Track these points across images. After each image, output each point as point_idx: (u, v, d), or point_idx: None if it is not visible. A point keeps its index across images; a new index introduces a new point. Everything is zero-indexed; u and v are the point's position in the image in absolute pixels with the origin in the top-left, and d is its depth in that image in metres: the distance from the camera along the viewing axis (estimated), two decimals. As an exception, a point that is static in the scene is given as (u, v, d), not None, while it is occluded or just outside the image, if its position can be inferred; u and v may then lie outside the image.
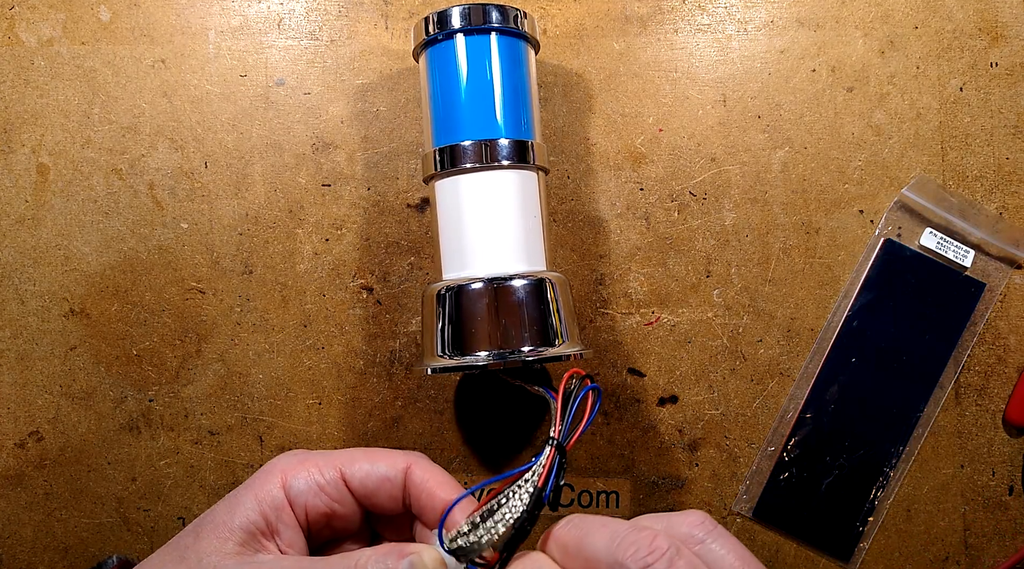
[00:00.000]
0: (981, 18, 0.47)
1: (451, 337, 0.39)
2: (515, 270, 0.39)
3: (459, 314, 0.39)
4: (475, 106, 0.39)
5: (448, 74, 0.40)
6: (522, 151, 0.40)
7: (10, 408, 0.47)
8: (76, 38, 0.47)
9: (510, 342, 0.38)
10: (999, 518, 0.47)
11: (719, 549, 0.31)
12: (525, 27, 0.41)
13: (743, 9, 0.47)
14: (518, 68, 0.41)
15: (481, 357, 0.38)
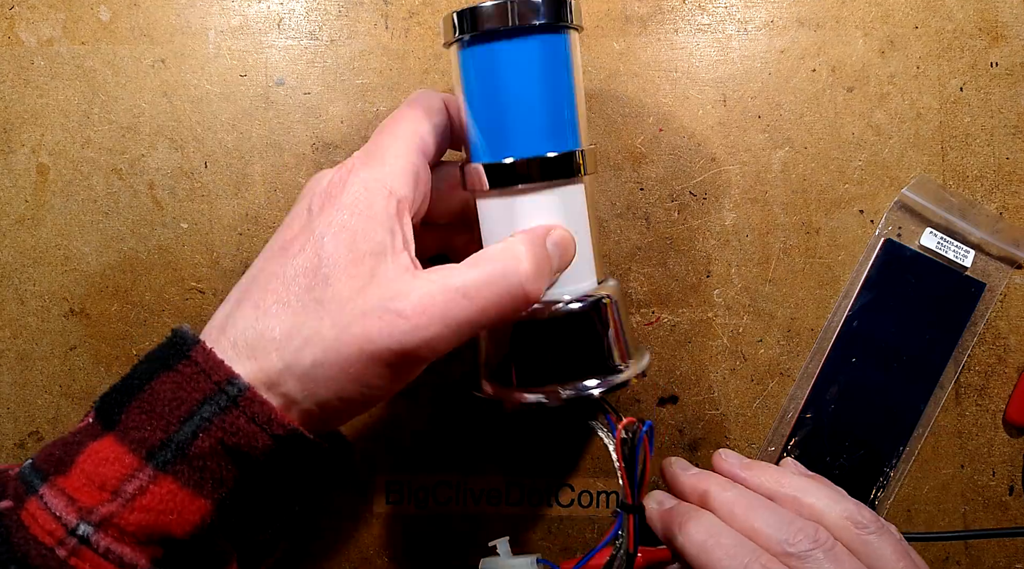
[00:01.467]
0: (981, 18, 0.47)
1: (518, 368, 0.36)
2: (573, 291, 0.36)
3: (520, 346, 0.36)
4: (527, 121, 0.35)
5: (490, 85, 0.35)
6: (575, 164, 0.36)
7: (10, 408, 0.47)
8: (76, 38, 0.47)
9: (577, 374, 0.36)
10: (999, 518, 0.47)
11: (877, 542, 0.36)
12: (573, 17, 0.35)
13: (743, 9, 0.47)
14: (568, 69, 0.36)
15: (551, 392, 0.36)
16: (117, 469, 0.29)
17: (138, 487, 0.28)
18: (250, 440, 0.29)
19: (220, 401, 0.29)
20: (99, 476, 0.29)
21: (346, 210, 0.32)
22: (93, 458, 0.29)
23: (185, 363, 0.30)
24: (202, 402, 0.29)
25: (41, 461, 0.30)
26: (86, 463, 0.29)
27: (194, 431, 0.29)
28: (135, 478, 0.29)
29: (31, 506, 0.29)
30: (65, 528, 0.28)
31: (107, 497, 0.28)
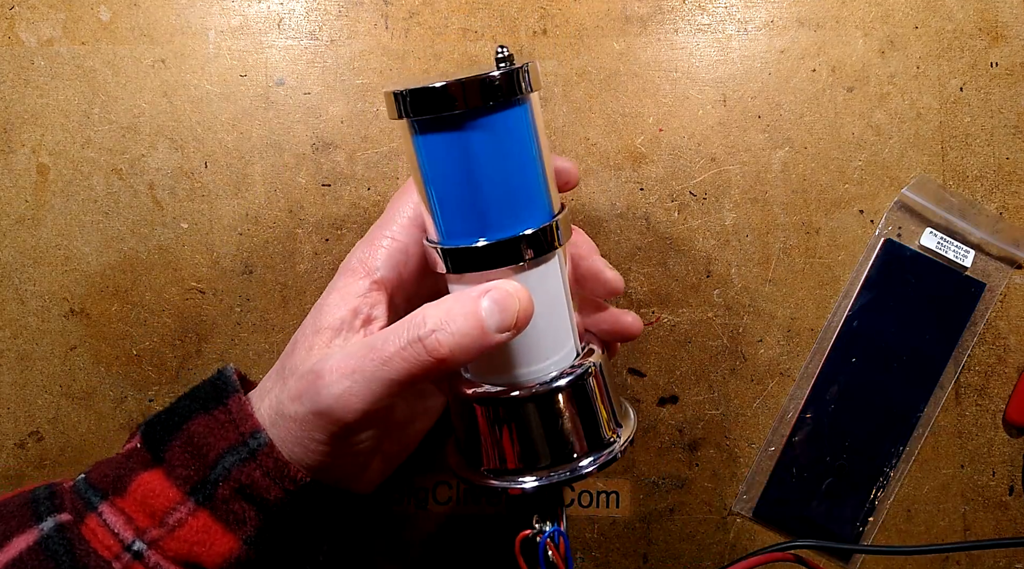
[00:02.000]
0: (981, 18, 0.47)
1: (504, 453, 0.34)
2: (555, 367, 0.34)
3: (502, 429, 0.34)
4: (491, 202, 0.32)
5: (447, 167, 0.32)
6: (548, 239, 0.33)
7: (10, 408, 0.47)
8: (76, 38, 0.47)
9: (563, 457, 0.34)
10: (999, 518, 0.47)
11: None
12: (530, 85, 0.32)
13: (743, 9, 0.47)
14: (532, 137, 0.32)
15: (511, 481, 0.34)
16: (163, 502, 0.32)
17: (178, 519, 0.32)
18: (263, 492, 0.32)
19: (241, 452, 0.33)
20: (149, 505, 0.32)
21: (333, 288, 0.35)
22: (144, 487, 0.32)
23: (221, 410, 0.34)
24: (226, 451, 0.33)
25: (96, 479, 0.33)
26: (138, 490, 0.32)
27: (218, 476, 0.32)
28: (177, 510, 0.32)
29: (91, 522, 0.32)
30: (122, 544, 0.31)
31: (156, 523, 0.32)
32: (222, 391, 0.34)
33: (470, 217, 0.32)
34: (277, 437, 0.33)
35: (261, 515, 0.33)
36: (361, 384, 0.31)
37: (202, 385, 0.35)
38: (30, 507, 0.33)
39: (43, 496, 0.33)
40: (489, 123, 0.31)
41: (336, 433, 0.32)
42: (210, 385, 0.35)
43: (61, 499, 0.33)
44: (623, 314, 0.39)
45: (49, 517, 0.32)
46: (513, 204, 0.32)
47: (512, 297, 0.31)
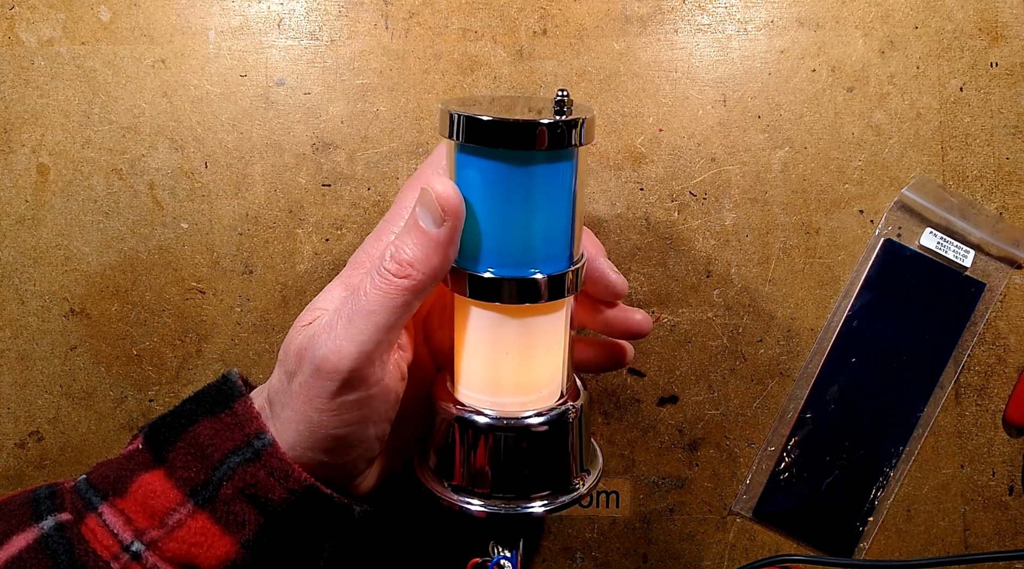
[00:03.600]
0: (981, 18, 0.47)
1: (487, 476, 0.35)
2: (539, 402, 0.35)
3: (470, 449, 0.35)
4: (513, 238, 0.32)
5: (480, 193, 0.32)
6: (558, 287, 0.33)
7: (10, 408, 0.47)
8: (76, 38, 0.47)
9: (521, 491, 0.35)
10: (999, 518, 0.47)
11: None
12: (582, 138, 0.31)
13: (743, 9, 0.47)
14: (571, 189, 0.33)
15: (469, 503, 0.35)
16: (163, 502, 0.32)
17: (178, 520, 0.32)
18: (267, 492, 0.32)
19: (246, 453, 0.33)
20: (149, 505, 0.32)
21: (338, 279, 0.37)
22: (145, 488, 0.33)
23: (227, 413, 0.34)
24: (231, 451, 0.33)
25: (96, 480, 0.34)
26: (139, 491, 0.33)
27: (222, 477, 0.32)
28: (177, 512, 0.32)
29: (91, 522, 0.32)
30: (120, 544, 0.32)
31: (156, 524, 0.32)
32: (228, 395, 0.35)
33: (488, 247, 0.33)
34: (280, 428, 0.33)
35: (261, 518, 0.33)
36: (347, 327, 0.32)
37: (207, 389, 0.36)
38: (30, 506, 0.33)
39: (44, 495, 0.34)
40: (533, 167, 0.31)
41: (337, 389, 0.32)
42: (215, 389, 0.35)
43: (62, 499, 0.33)
44: (632, 312, 0.39)
45: (49, 516, 0.32)
46: (534, 246, 0.32)
47: (427, 193, 0.31)
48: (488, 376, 0.35)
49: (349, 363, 0.31)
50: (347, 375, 0.32)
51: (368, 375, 0.32)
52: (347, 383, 0.32)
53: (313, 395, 0.32)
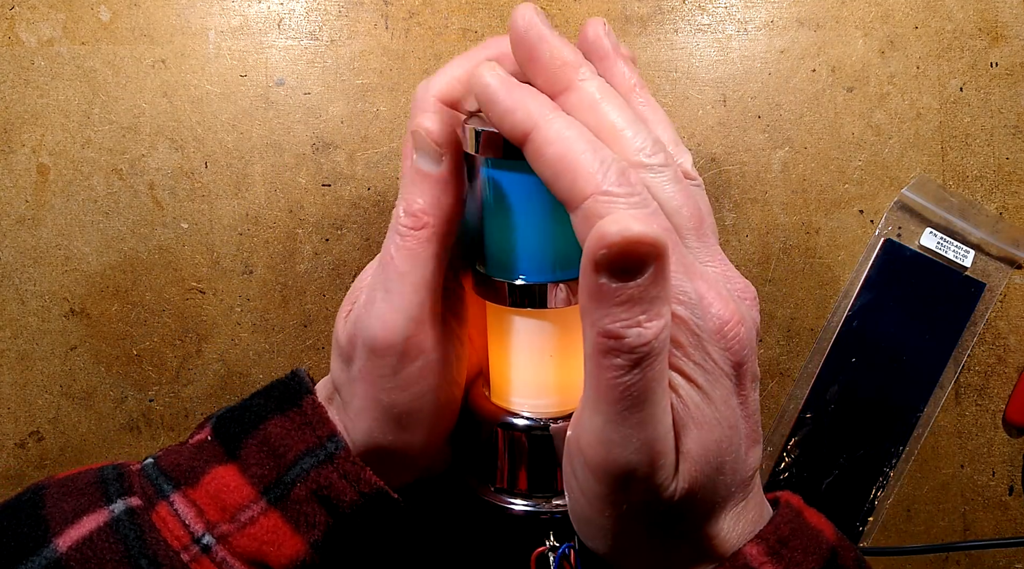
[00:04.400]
0: (981, 18, 0.47)
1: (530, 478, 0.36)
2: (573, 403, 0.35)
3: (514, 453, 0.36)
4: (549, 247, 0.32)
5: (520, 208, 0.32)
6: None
7: (10, 408, 0.47)
8: (76, 38, 0.47)
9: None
10: (999, 518, 0.47)
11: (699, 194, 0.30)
12: None
13: (743, 9, 0.47)
14: None
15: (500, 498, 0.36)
16: (237, 498, 0.32)
17: (250, 517, 0.32)
18: (339, 494, 0.32)
19: (319, 455, 0.33)
20: (221, 499, 0.32)
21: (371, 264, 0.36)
22: (218, 481, 0.32)
23: (296, 411, 0.34)
24: (304, 453, 0.33)
25: (167, 467, 0.33)
26: (211, 484, 0.32)
27: (295, 478, 0.32)
28: (249, 509, 0.32)
29: (162, 510, 0.32)
30: (191, 536, 0.31)
31: (227, 518, 0.32)
32: (295, 392, 0.35)
33: (521, 255, 0.33)
34: (352, 418, 0.33)
35: (331, 520, 0.33)
36: (386, 299, 0.31)
37: (275, 384, 0.36)
38: (99, 486, 0.33)
39: (111, 477, 0.33)
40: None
41: (398, 363, 0.32)
42: (283, 385, 0.35)
43: (130, 482, 0.33)
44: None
45: (119, 499, 0.32)
46: (563, 250, 0.32)
47: (419, 134, 0.30)
48: (522, 380, 0.35)
49: (401, 333, 0.31)
50: (403, 346, 0.31)
51: (423, 340, 0.32)
52: (405, 354, 0.32)
53: (376, 376, 0.32)
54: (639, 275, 0.24)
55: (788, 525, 0.30)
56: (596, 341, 0.25)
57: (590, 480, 0.28)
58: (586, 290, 0.25)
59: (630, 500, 0.27)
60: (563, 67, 0.29)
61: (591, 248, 0.24)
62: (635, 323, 0.24)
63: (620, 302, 0.24)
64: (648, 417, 0.26)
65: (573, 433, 0.28)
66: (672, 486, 0.27)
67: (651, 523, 0.28)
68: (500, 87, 0.28)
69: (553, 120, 0.28)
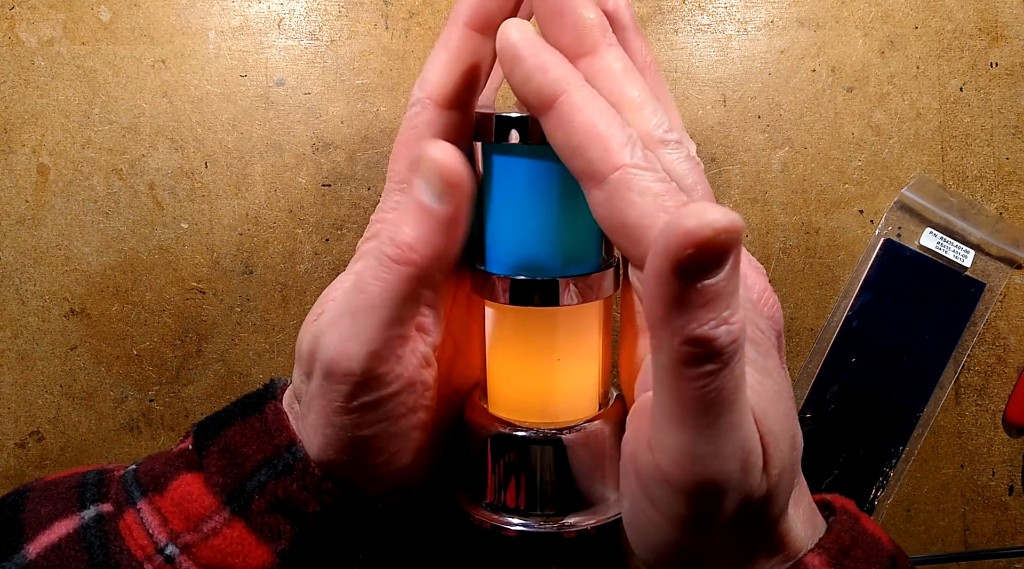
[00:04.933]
0: (981, 18, 0.47)
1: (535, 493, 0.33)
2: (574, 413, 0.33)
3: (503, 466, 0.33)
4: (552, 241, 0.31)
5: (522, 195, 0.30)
6: (588, 287, 0.32)
7: (10, 408, 0.47)
8: (76, 38, 0.47)
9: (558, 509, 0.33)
10: (999, 518, 0.47)
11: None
12: None
13: (743, 9, 0.47)
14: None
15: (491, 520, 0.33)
16: (199, 508, 0.31)
17: (213, 528, 0.31)
18: (301, 505, 0.31)
19: (277, 466, 0.31)
20: (185, 508, 0.31)
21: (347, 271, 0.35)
22: (183, 489, 0.31)
23: (257, 418, 0.32)
24: (262, 462, 0.31)
25: (143, 473, 0.32)
26: (176, 492, 0.31)
27: (254, 488, 0.31)
28: (212, 519, 0.31)
29: (129, 517, 0.31)
30: (155, 545, 0.30)
31: (191, 527, 0.31)
32: (261, 398, 0.33)
33: (520, 249, 0.31)
34: (307, 433, 0.31)
35: (297, 529, 0.31)
36: (351, 325, 0.28)
37: (253, 392, 0.34)
38: (77, 491, 0.32)
39: (92, 482, 0.33)
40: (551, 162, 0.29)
41: (352, 392, 0.29)
42: (256, 393, 0.34)
43: (107, 488, 0.32)
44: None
45: (92, 505, 0.32)
46: (569, 244, 0.31)
47: (428, 162, 0.27)
48: (528, 388, 0.33)
49: (359, 365, 0.28)
50: (359, 377, 0.29)
51: (384, 373, 0.29)
52: (361, 385, 0.29)
53: (330, 399, 0.30)
54: (722, 269, 0.21)
55: (848, 534, 0.29)
56: (679, 351, 0.22)
57: (677, 503, 0.25)
58: (664, 297, 0.22)
59: (724, 512, 0.25)
60: (591, 28, 0.27)
61: (671, 248, 0.21)
62: (722, 321, 0.22)
63: (705, 302, 0.21)
64: (738, 418, 0.24)
65: (647, 456, 0.26)
66: (763, 481, 0.25)
67: (740, 529, 0.26)
68: (528, 45, 0.26)
69: (583, 87, 0.26)
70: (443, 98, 0.30)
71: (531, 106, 0.27)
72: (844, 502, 0.31)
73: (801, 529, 0.29)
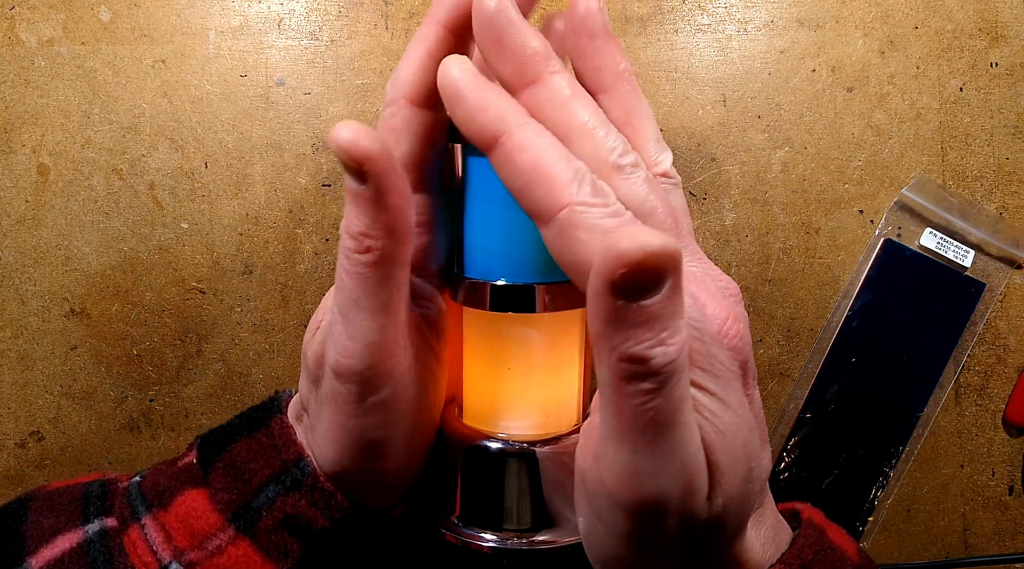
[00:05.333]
0: (981, 18, 0.47)
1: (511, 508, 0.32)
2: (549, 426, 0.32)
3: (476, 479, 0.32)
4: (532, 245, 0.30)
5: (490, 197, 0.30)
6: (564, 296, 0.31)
7: (11, 408, 0.47)
8: (76, 38, 0.47)
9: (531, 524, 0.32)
10: (999, 518, 0.47)
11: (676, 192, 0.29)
12: None
13: (743, 9, 0.47)
14: None
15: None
16: (204, 525, 0.31)
17: (218, 546, 0.30)
18: (310, 521, 0.31)
19: (285, 481, 0.31)
20: (190, 525, 0.31)
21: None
22: (187, 506, 0.31)
23: (263, 432, 0.32)
24: (270, 478, 0.31)
25: (147, 487, 0.32)
26: (181, 508, 0.31)
27: (261, 505, 0.31)
28: (217, 537, 0.30)
29: (133, 533, 0.31)
30: (159, 563, 0.30)
31: (195, 545, 0.30)
32: (267, 412, 0.33)
33: (501, 253, 0.30)
34: (318, 442, 0.31)
35: (304, 547, 0.31)
36: (345, 325, 0.28)
37: (256, 406, 0.34)
38: (81, 504, 0.32)
39: (96, 494, 0.32)
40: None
41: (361, 391, 0.29)
42: (261, 407, 0.34)
43: (111, 501, 0.32)
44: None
45: (96, 519, 0.31)
46: (542, 251, 0.29)
47: (339, 148, 0.26)
48: (503, 397, 0.33)
49: (362, 361, 0.28)
50: (366, 373, 0.29)
51: (391, 366, 0.29)
52: (369, 382, 0.29)
53: (342, 401, 0.29)
54: (658, 291, 0.22)
55: (812, 548, 0.28)
56: (617, 368, 0.23)
57: (620, 519, 0.26)
58: (601, 315, 0.22)
59: (666, 531, 0.25)
60: (533, 57, 0.26)
61: (605, 269, 0.21)
62: (658, 342, 0.22)
63: (640, 322, 0.22)
64: (680, 439, 0.24)
65: (594, 472, 0.26)
66: (707, 506, 0.25)
67: (685, 549, 0.26)
68: (468, 84, 0.26)
69: (525, 125, 0.26)
70: (418, 96, 0.29)
71: (476, 145, 0.26)
72: (811, 513, 0.31)
73: (761, 550, 0.29)
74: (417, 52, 0.29)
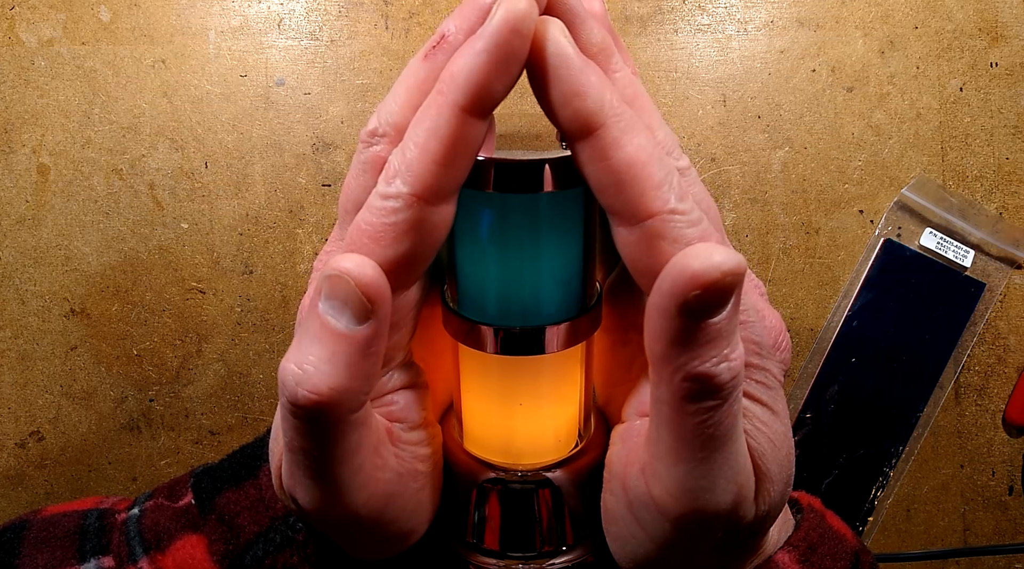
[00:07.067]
0: (981, 18, 0.47)
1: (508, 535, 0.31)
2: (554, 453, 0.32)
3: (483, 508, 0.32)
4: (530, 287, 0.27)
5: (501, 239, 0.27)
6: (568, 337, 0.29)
7: (11, 408, 0.47)
8: (76, 38, 0.47)
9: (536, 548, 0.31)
10: (999, 518, 0.47)
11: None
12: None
13: (743, 9, 0.47)
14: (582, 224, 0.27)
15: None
16: None
17: None
18: None
19: (275, 539, 0.30)
20: None
21: None
22: (184, 552, 0.30)
23: (251, 483, 0.30)
24: (259, 535, 0.30)
25: (147, 526, 0.31)
26: (178, 553, 0.30)
27: (253, 561, 0.30)
28: None
29: None
30: None
31: None
32: (254, 458, 0.31)
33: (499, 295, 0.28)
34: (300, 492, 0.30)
35: None
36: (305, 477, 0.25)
37: (248, 445, 0.32)
38: (77, 539, 0.31)
39: (93, 528, 0.32)
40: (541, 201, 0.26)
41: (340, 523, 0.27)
42: (251, 449, 0.32)
43: (109, 537, 0.31)
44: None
45: (92, 558, 0.30)
46: (548, 290, 0.28)
47: (339, 279, 0.22)
48: (513, 432, 0.32)
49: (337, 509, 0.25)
50: (339, 520, 0.26)
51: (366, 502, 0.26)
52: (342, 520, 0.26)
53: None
54: (724, 308, 0.21)
55: (816, 531, 0.29)
56: (680, 387, 0.22)
57: (666, 529, 0.25)
58: (666, 335, 0.21)
59: (712, 537, 0.25)
60: (600, 52, 0.24)
61: (676, 290, 0.20)
62: (723, 358, 0.21)
63: (707, 340, 0.21)
64: (734, 452, 0.23)
65: (640, 484, 0.25)
66: (753, 512, 0.25)
67: (724, 548, 0.26)
68: (576, 58, 0.22)
69: (627, 116, 0.22)
70: (431, 194, 0.23)
71: (562, 131, 0.23)
72: (810, 500, 0.31)
73: (775, 533, 0.29)
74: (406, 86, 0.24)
